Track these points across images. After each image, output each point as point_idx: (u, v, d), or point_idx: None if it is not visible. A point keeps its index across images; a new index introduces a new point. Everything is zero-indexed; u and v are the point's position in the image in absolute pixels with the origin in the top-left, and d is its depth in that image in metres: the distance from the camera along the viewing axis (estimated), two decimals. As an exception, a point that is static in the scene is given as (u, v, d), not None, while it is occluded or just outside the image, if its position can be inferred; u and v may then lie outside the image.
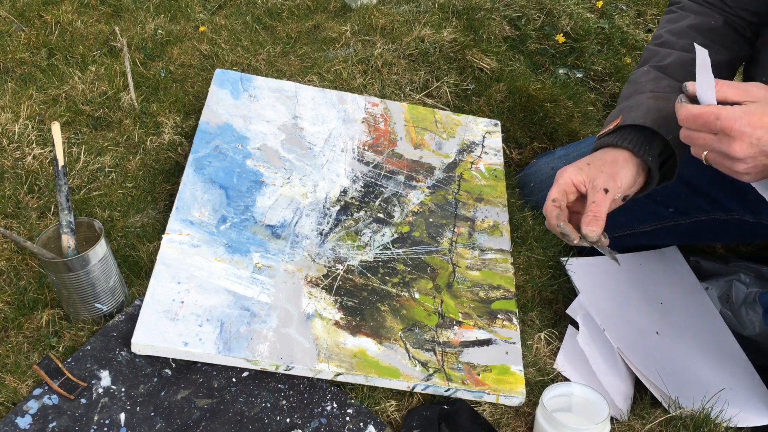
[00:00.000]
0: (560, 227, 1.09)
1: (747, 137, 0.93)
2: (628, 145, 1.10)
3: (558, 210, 1.10)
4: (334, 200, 1.30)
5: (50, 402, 1.00)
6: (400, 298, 1.17)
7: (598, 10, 1.98)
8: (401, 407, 1.07)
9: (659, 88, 1.14)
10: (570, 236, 1.08)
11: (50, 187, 1.29)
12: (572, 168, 1.11)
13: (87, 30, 1.70)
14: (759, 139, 0.93)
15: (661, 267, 1.40)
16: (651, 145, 1.10)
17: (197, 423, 1.00)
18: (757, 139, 0.93)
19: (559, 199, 1.10)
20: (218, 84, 1.44)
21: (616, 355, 1.21)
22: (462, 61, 1.70)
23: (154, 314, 1.06)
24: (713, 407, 1.12)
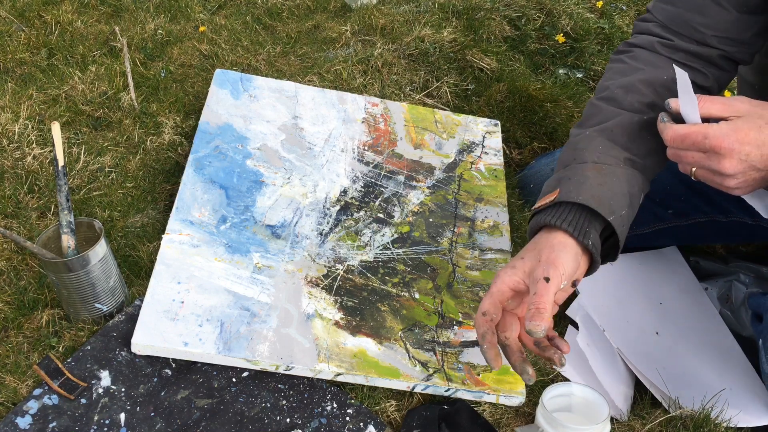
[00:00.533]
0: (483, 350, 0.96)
1: (736, 154, 0.92)
2: (566, 227, 0.97)
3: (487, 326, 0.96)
4: (334, 200, 1.30)
5: (50, 402, 1.00)
6: (400, 298, 1.18)
7: (598, 10, 1.98)
8: (401, 407, 1.07)
9: (602, 158, 1.02)
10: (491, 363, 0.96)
11: (50, 187, 1.29)
12: (504, 271, 0.97)
13: (87, 30, 1.70)
14: (748, 155, 0.92)
15: (661, 267, 1.40)
16: (591, 225, 0.98)
17: (197, 423, 1.00)
18: (746, 155, 0.92)
19: (490, 312, 0.96)
20: (218, 84, 1.44)
21: (615, 356, 1.21)
22: (462, 61, 1.70)
23: (154, 314, 1.06)
24: (713, 407, 1.12)
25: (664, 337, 1.28)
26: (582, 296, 1.26)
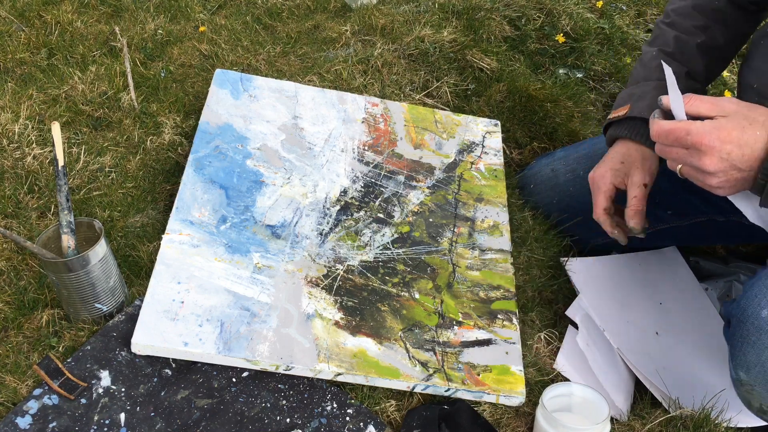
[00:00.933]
0: (614, 235, 1.21)
1: (717, 152, 0.94)
2: (642, 140, 1.19)
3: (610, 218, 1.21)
4: (334, 200, 1.30)
5: (50, 402, 1.00)
6: (400, 298, 1.17)
7: (598, 10, 1.98)
8: (401, 407, 1.07)
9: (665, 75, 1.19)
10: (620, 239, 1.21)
11: (50, 187, 1.29)
12: (609, 172, 1.20)
13: (87, 30, 1.70)
14: (729, 154, 0.94)
15: (661, 267, 1.40)
16: None
17: (197, 423, 1.00)
18: (726, 153, 0.94)
19: (609, 207, 1.20)
20: (218, 84, 1.44)
21: (615, 356, 1.21)
22: (462, 61, 1.70)
23: (154, 314, 1.06)
24: (713, 407, 1.12)
25: (664, 337, 1.28)
26: (582, 296, 1.26)
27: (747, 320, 0.99)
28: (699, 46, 1.23)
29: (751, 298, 1.00)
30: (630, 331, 1.26)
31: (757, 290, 1.00)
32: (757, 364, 0.99)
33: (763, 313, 0.97)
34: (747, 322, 0.99)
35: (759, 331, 0.97)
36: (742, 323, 1.00)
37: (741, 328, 1.00)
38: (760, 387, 1.00)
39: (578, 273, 1.31)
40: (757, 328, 0.98)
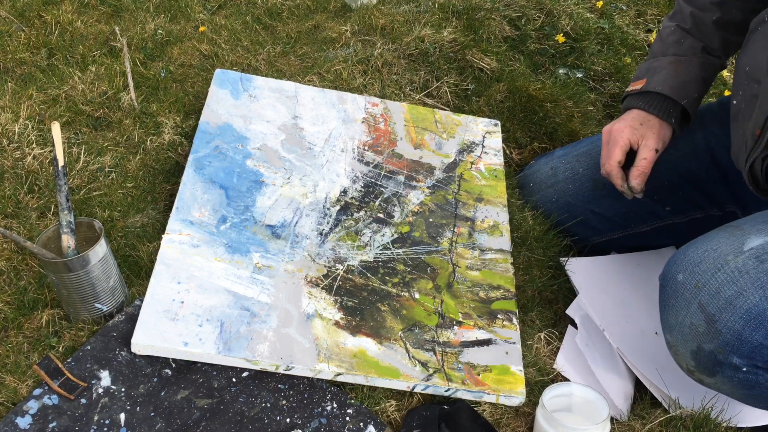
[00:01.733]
0: (623, 189, 1.27)
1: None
2: (657, 113, 1.27)
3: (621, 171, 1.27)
4: (334, 200, 1.30)
5: (50, 402, 1.00)
6: (400, 298, 1.17)
7: (598, 10, 1.98)
8: (401, 407, 1.07)
9: (681, 50, 1.30)
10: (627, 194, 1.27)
11: (50, 187, 1.29)
12: (628, 129, 1.27)
13: (87, 30, 1.70)
14: None
15: (660, 267, 1.39)
16: (674, 109, 1.27)
17: (197, 423, 1.00)
18: None
19: (622, 160, 1.26)
20: (218, 84, 1.44)
21: (615, 356, 1.21)
22: (462, 61, 1.70)
23: (154, 314, 1.06)
24: (713, 407, 1.12)
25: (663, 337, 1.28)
26: (582, 296, 1.26)
27: (667, 284, 1.05)
28: (715, 23, 1.28)
29: (670, 264, 1.06)
30: (629, 330, 1.26)
31: (676, 257, 1.06)
32: (676, 326, 1.03)
33: (678, 277, 1.03)
34: (667, 286, 1.05)
35: (676, 294, 1.03)
36: (663, 288, 1.06)
37: (663, 292, 1.06)
38: (681, 346, 1.04)
39: (577, 273, 1.31)
40: (675, 291, 1.03)
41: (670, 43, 1.32)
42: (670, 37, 1.32)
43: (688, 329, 1.01)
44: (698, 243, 1.06)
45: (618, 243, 1.43)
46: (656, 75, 1.29)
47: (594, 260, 1.35)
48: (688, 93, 1.27)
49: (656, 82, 1.28)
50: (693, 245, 1.06)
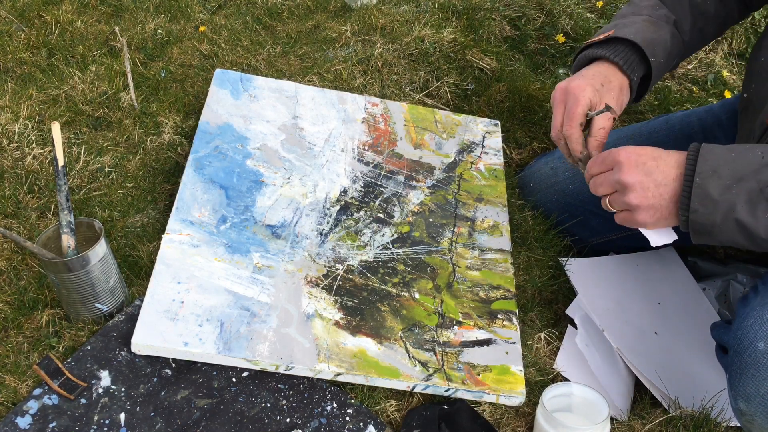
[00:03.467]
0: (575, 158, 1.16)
1: (634, 162, 1.00)
2: (619, 60, 1.16)
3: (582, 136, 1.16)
4: (334, 200, 1.30)
5: (50, 402, 1.00)
6: (400, 298, 1.17)
7: (598, 10, 1.98)
8: (401, 407, 1.07)
9: (655, 15, 1.21)
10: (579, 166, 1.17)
11: (50, 187, 1.29)
12: (590, 88, 1.15)
13: (87, 30, 1.70)
14: (645, 164, 1.00)
15: (659, 267, 1.40)
16: (640, 65, 1.18)
17: (197, 423, 1.00)
18: (643, 163, 1.00)
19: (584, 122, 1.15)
20: (218, 84, 1.44)
21: (615, 356, 1.21)
22: (462, 61, 1.70)
23: (154, 314, 1.06)
24: (713, 407, 1.12)
25: (663, 337, 1.28)
26: (581, 297, 1.26)
27: (744, 352, 0.99)
28: (691, 4, 1.24)
29: (746, 330, 1.00)
30: (629, 331, 1.26)
31: (752, 321, 1.00)
32: (756, 396, 0.99)
33: (759, 345, 0.98)
34: (744, 354, 0.99)
35: (757, 363, 0.98)
36: (739, 355, 1.00)
37: (738, 359, 1.00)
38: (760, 418, 1.00)
39: (577, 273, 1.31)
40: (755, 360, 0.98)
41: (644, 6, 1.24)
42: (644, 1, 1.25)
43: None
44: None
45: (618, 244, 1.43)
46: (627, 27, 1.19)
47: (594, 261, 1.35)
48: (656, 53, 1.18)
49: (627, 32, 1.18)
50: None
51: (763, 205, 0.93)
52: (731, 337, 1.02)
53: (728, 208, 0.94)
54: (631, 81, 1.18)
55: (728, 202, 0.94)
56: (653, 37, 1.18)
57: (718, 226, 0.96)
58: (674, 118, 1.44)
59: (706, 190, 0.95)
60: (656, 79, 1.21)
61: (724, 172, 0.95)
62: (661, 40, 1.19)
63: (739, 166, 0.95)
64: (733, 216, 0.94)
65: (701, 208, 0.96)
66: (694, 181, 0.96)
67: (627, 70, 1.17)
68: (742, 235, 0.96)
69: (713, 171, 0.96)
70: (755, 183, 0.94)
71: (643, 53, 1.17)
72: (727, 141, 1.34)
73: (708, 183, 0.95)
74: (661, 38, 1.19)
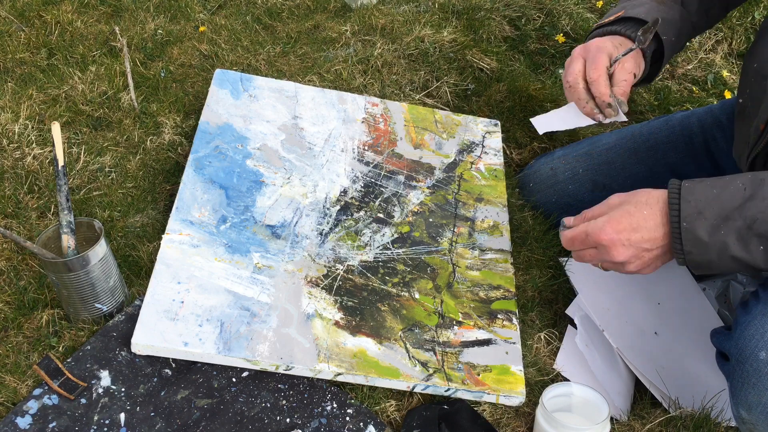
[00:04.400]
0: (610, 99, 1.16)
1: (617, 242, 0.99)
2: (632, 34, 1.18)
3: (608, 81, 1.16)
4: (334, 200, 1.30)
5: (50, 402, 1.00)
6: (400, 298, 1.18)
7: (598, 10, 1.98)
8: (401, 407, 1.07)
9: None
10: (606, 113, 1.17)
11: (50, 187, 1.29)
12: (610, 43, 1.17)
13: (87, 30, 1.70)
14: (629, 240, 0.99)
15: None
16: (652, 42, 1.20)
17: (197, 423, 1.00)
18: (627, 240, 0.99)
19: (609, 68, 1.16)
20: (218, 84, 1.44)
21: (615, 356, 1.21)
22: (462, 61, 1.70)
23: (154, 314, 1.06)
24: (713, 407, 1.12)
25: (663, 337, 1.28)
26: (581, 297, 1.26)
27: (745, 361, 0.99)
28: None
29: (748, 339, 1.00)
30: (629, 331, 1.26)
31: (753, 330, 1.00)
32: (758, 405, 0.99)
33: (761, 355, 0.98)
34: (746, 363, 0.99)
35: (758, 373, 0.98)
36: (741, 364, 1.00)
37: (740, 369, 1.00)
38: (762, 426, 1.01)
39: (577, 273, 1.30)
40: (756, 370, 0.98)
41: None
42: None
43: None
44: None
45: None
46: (637, 7, 1.21)
47: (594, 260, 1.35)
48: (667, 31, 1.20)
49: (637, 12, 1.20)
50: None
51: (754, 241, 0.93)
52: (732, 345, 1.02)
53: (721, 247, 0.94)
54: (644, 52, 1.19)
55: (719, 243, 0.94)
56: (663, 17, 1.19)
57: (716, 262, 0.96)
58: (674, 119, 1.44)
59: (694, 234, 0.95)
60: (668, 57, 1.22)
61: (709, 212, 0.95)
62: (671, 18, 1.20)
63: (722, 203, 0.94)
64: (728, 254, 0.94)
65: (694, 249, 0.96)
66: (681, 225, 0.96)
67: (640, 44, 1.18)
68: (741, 267, 0.96)
69: (698, 213, 0.95)
70: (741, 221, 0.93)
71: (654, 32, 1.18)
72: (726, 141, 1.34)
73: (695, 226, 0.95)
74: (671, 17, 1.20)
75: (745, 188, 0.94)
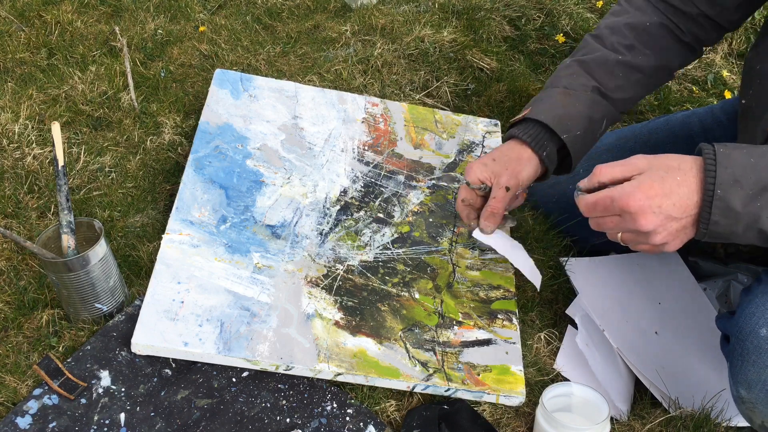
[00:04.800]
0: (471, 226, 1.21)
1: (647, 209, 0.93)
2: (528, 140, 1.18)
3: (469, 209, 1.20)
4: (334, 200, 1.30)
5: (50, 402, 1.00)
6: (400, 298, 1.18)
7: (598, 10, 1.98)
8: (401, 407, 1.07)
9: (572, 84, 1.20)
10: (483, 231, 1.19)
11: (50, 187, 1.29)
12: (478, 165, 1.18)
13: (87, 30, 1.70)
14: (659, 207, 0.93)
15: (659, 267, 1.40)
16: (551, 141, 1.18)
17: (197, 423, 1.00)
18: (657, 207, 0.93)
19: (468, 198, 1.19)
20: (218, 84, 1.44)
21: (615, 356, 1.21)
22: (462, 61, 1.70)
23: (154, 314, 1.06)
24: (713, 407, 1.12)
25: (663, 336, 1.28)
26: (581, 296, 1.26)
27: (746, 339, 0.98)
28: (619, 63, 1.21)
29: (748, 316, 0.99)
30: (629, 331, 1.26)
31: (754, 308, 0.99)
32: (758, 383, 0.98)
33: (761, 332, 0.97)
34: (746, 340, 0.98)
35: (758, 350, 0.97)
36: (741, 341, 0.99)
37: (740, 346, 0.99)
38: (762, 405, 1.00)
39: (577, 273, 1.30)
40: (757, 347, 0.97)
41: (562, 76, 1.23)
42: (564, 71, 1.24)
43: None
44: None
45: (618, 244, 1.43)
46: (541, 104, 1.20)
47: (594, 260, 1.35)
48: (569, 127, 1.17)
49: (538, 111, 1.19)
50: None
51: None
52: (733, 324, 1.01)
53: (752, 219, 0.90)
54: (540, 155, 1.18)
55: (752, 214, 0.90)
56: (566, 112, 1.17)
57: (739, 235, 0.92)
58: (674, 119, 1.44)
59: (728, 203, 0.90)
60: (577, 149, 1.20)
61: (747, 181, 0.90)
62: (575, 112, 1.18)
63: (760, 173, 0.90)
64: (757, 226, 0.90)
65: (723, 220, 0.91)
66: (715, 192, 0.90)
67: (535, 146, 1.17)
68: (761, 240, 0.92)
69: (735, 180, 0.90)
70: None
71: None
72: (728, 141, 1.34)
73: (730, 195, 0.90)
74: (576, 110, 1.18)
75: None
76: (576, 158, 1.21)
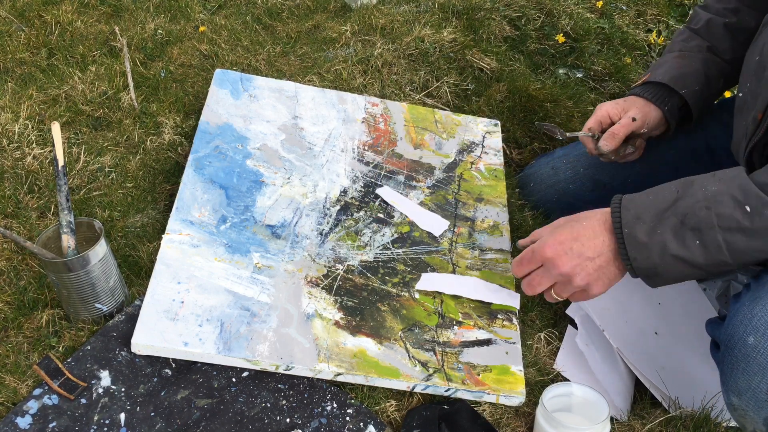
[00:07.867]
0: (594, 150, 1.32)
1: (561, 252, 1.04)
2: (650, 97, 1.30)
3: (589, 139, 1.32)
4: (334, 200, 1.30)
5: (50, 402, 1.00)
6: (400, 298, 1.18)
7: (598, 10, 1.98)
8: (401, 407, 1.07)
9: (687, 47, 1.34)
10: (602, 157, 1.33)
11: (50, 187, 1.29)
12: (610, 102, 1.32)
13: (87, 30, 1.70)
14: (571, 249, 1.03)
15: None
16: (671, 99, 1.30)
17: (197, 423, 1.00)
18: (569, 249, 1.03)
19: (593, 129, 1.31)
20: (218, 84, 1.44)
21: (615, 356, 1.21)
22: (462, 61, 1.70)
23: (154, 314, 1.06)
24: (713, 407, 1.12)
25: (663, 337, 1.28)
26: (582, 296, 1.26)
27: (734, 347, 1.00)
28: (726, 26, 1.31)
29: (736, 325, 1.01)
30: (629, 331, 1.26)
31: (742, 316, 1.01)
32: (747, 390, 1.00)
33: (749, 340, 0.99)
34: (735, 348, 1.00)
35: (747, 358, 0.99)
36: (730, 349, 1.01)
37: (729, 354, 1.01)
38: (752, 412, 1.01)
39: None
40: (745, 355, 0.99)
41: (677, 41, 1.36)
42: (678, 37, 1.36)
43: (764, 395, 0.98)
44: (765, 301, 1.00)
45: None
46: (659, 68, 1.32)
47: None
48: (686, 84, 1.29)
49: (658, 74, 1.31)
50: (759, 303, 1.00)
51: (689, 235, 0.97)
52: (722, 332, 1.03)
53: (661, 247, 0.98)
54: (662, 109, 1.29)
55: (658, 242, 0.98)
56: (683, 72, 1.30)
57: (660, 266, 0.99)
58: None
59: (635, 237, 1.00)
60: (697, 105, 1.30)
61: (646, 216, 1.00)
62: (691, 70, 1.30)
63: (657, 205, 1.00)
64: (669, 253, 0.98)
65: (637, 254, 1.00)
66: (623, 231, 1.00)
67: (658, 103, 1.29)
68: (685, 267, 0.98)
69: (637, 218, 1.00)
70: (674, 217, 0.98)
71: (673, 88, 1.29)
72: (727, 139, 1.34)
73: (635, 230, 1.00)
74: (691, 68, 1.30)
75: (677, 190, 1.00)
76: (696, 111, 1.31)
